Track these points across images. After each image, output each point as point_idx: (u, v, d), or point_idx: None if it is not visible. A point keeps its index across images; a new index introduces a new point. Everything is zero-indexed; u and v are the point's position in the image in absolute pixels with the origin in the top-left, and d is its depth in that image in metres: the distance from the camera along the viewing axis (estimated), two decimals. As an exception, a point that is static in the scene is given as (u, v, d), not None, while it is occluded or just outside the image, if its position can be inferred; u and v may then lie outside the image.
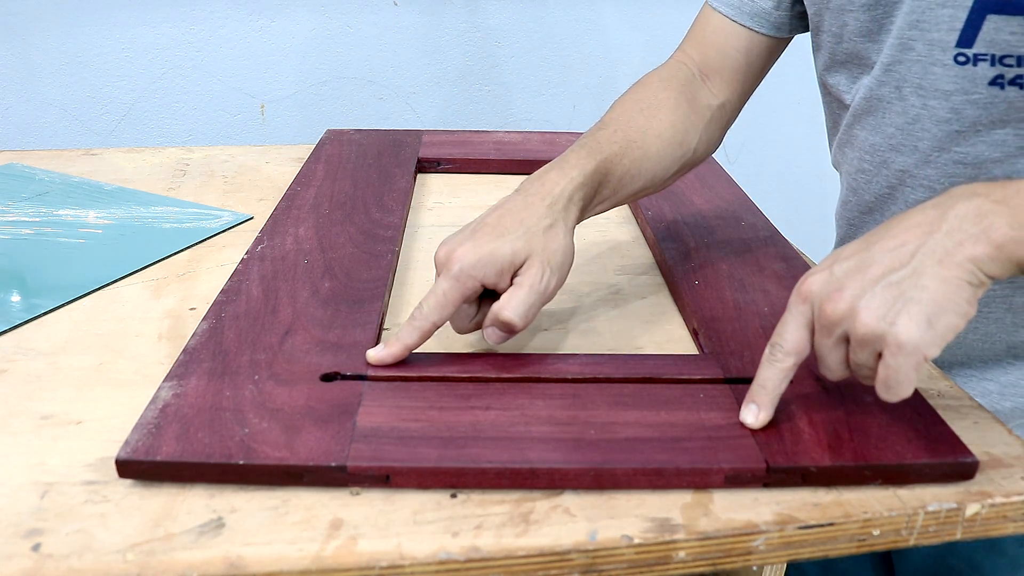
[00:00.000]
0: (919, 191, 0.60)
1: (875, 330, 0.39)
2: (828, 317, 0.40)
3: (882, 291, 0.39)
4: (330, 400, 0.45)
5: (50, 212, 0.74)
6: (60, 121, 1.24)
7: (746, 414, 0.44)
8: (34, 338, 0.54)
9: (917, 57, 0.56)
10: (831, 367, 0.42)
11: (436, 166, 0.89)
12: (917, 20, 0.55)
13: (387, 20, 1.29)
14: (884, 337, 0.38)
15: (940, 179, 0.59)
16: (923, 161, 0.59)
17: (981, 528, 0.42)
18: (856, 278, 0.40)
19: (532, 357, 0.50)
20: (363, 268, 0.61)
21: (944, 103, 0.56)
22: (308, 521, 0.38)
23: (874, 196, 0.64)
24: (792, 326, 0.42)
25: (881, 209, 0.64)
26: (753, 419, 0.43)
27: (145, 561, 0.36)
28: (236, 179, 0.85)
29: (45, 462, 0.42)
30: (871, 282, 0.40)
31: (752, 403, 0.44)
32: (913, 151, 0.60)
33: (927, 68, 0.56)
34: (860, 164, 0.64)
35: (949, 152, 0.58)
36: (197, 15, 1.23)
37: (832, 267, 0.42)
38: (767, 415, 0.43)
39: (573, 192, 0.53)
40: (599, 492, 0.41)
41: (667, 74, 0.65)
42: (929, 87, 0.57)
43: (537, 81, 1.38)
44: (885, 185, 0.63)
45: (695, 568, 0.39)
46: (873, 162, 0.63)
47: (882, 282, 0.39)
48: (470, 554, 0.37)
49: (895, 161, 0.61)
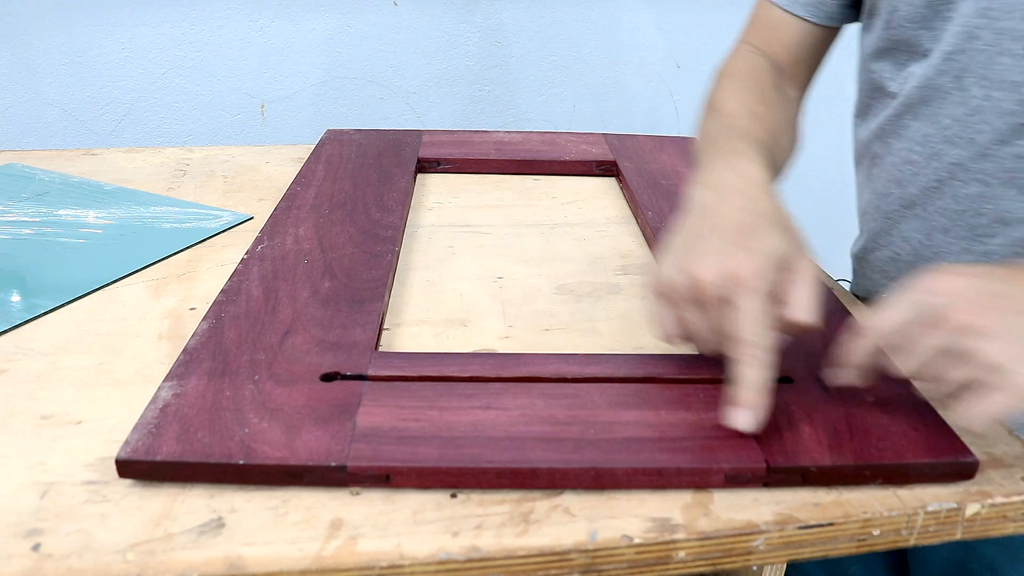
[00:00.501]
0: (971, 185, 0.58)
1: (1003, 364, 0.39)
2: (959, 325, 0.40)
3: None
4: (330, 400, 0.45)
5: (50, 212, 0.74)
6: (60, 121, 1.24)
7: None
8: (34, 338, 0.54)
9: (983, 46, 0.55)
10: (926, 369, 0.42)
11: (436, 166, 0.89)
12: (986, 8, 0.54)
13: (387, 20, 1.29)
14: (1007, 375, 0.39)
15: (997, 173, 0.57)
16: (980, 155, 0.57)
17: (981, 528, 0.42)
18: (1002, 304, 0.40)
19: (532, 357, 0.50)
20: (363, 268, 0.61)
21: (1011, 95, 0.54)
22: (308, 521, 0.38)
23: (920, 189, 0.61)
24: None
25: (924, 203, 0.61)
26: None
27: (145, 561, 0.36)
28: (236, 179, 0.85)
29: (45, 462, 0.42)
30: (1015, 314, 0.40)
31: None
32: (970, 144, 0.57)
33: (993, 58, 0.54)
34: (908, 155, 0.62)
35: (1011, 146, 0.56)
36: (197, 15, 1.23)
37: (972, 278, 0.42)
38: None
39: (770, 179, 0.50)
40: (599, 492, 0.41)
41: (755, 64, 0.64)
42: (995, 77, 0.55)
43: (537, 81, 1.38)
44: (933, 178, 0.60)
45: (695, 568, 0.39)
46: (923, 154, 0.60)
47: None
48: (470, 554, 0.37)
49: (948, 154, 0.59)
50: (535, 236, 0.72)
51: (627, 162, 0.87)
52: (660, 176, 0.83)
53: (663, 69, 1.41)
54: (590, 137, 0.97)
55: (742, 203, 0.46)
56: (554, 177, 0.88)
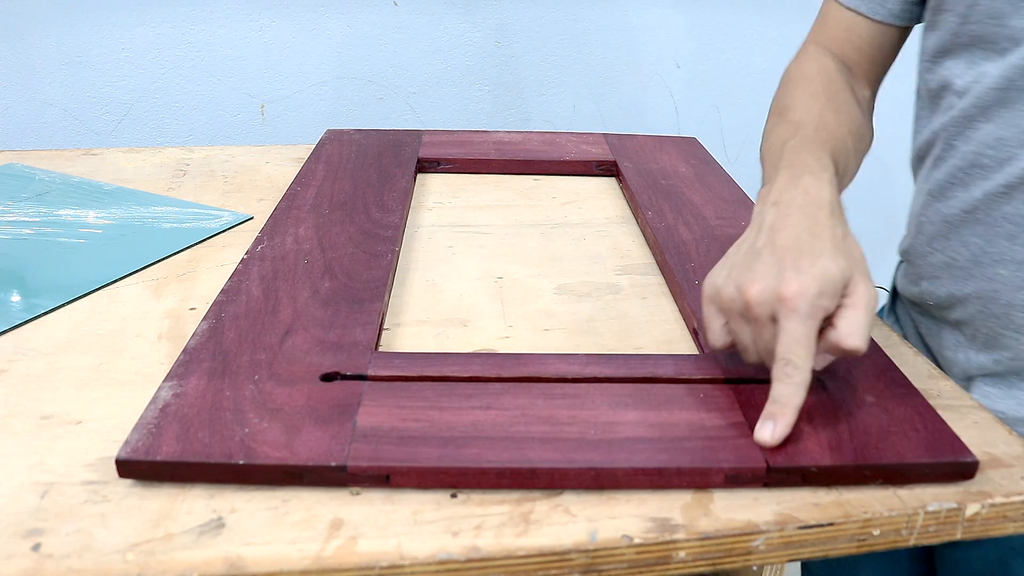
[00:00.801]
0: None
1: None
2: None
3: None
4: (330, 400, 0.45)
5: (50, 212, 0.74)
6: (60, 121, 1.24)
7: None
8: (34, 338, 0.54)
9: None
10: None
11: (436, 166, 0.89)
12: None
13: (387, 20, 1.29)
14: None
15: None
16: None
17: (981, 528, 0.42)
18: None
19: (532, 357, 0.50)
20: (363, 268, 0.61)
21: None
22: (308, 521, 0.38)
23: (986, 194, 0.58)
24: None
25: (989, 209, 0.58)
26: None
27: (145, 561, 0.36)
28: (236, 179, 0.85)
29: (45, 462, 0.42)
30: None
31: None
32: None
33: None
34: (975, 159, 0.59)
35: None
36: (197, 15, 1.23)
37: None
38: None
39: (837, 196, 0.49)
40: (599, 492, 0.41)
41: (824, 65, 0.63)
42: None
43: (537, 81, 1.38)
44: (1003, 183, 0.57)
45: (695, 568, 0.39)
46: (996, 158, 0.57)
47: None
48: (470, 554, 0.37)
49: (1023, 158, 0.56)
50: (535, 236, 0.72)
51: (627, 162, 0.87)
52: (660, 176, 0.83)
53: (663, 69, 1.41)
54: (590, 137, 0.97)
55: (802, 223, 0.45)
56: (554, 177, 0.88)
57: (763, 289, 0.43)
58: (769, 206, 0.48)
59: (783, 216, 0.46)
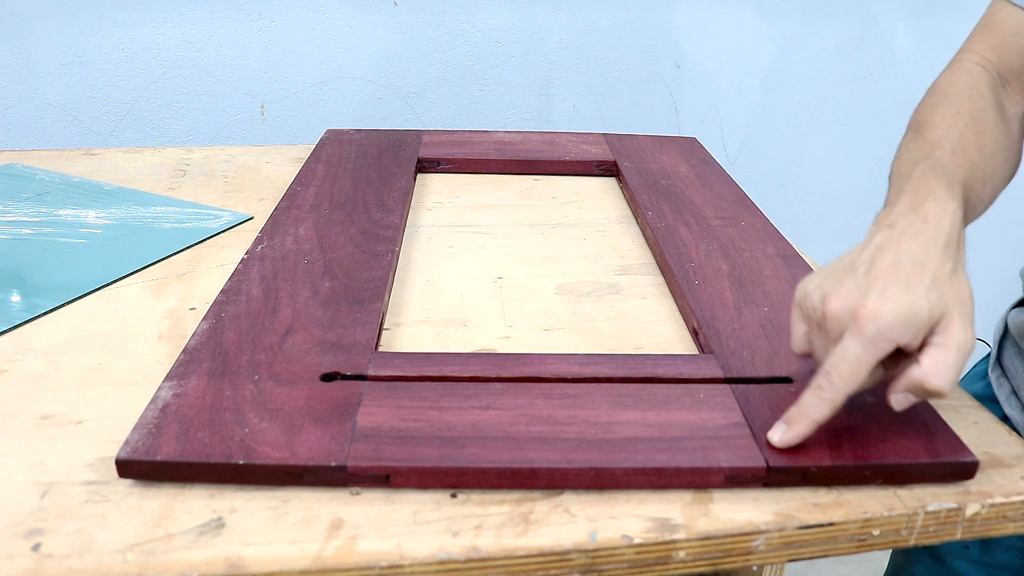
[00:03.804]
0: None
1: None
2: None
3: None
4: (330, 400, 0.45)
5: (50, 212, 0.74)
6: (60, 121, 1.24)
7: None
8: (34, 338, 0.54)
9: None
10: None
11: (436, 166, 0.89)
12: None
13: (387, 20, 1.29)
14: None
15: None
16: None
17: (981, 528, 0.42)
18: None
19: (532, 357, 0.50)
20: (363, 268, 0.61)
21: None
22: (308, 521, 0.38)
23: None
24: None
25: None
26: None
27: (145, 561, 0.36)
28: (236, 179, 0.85)
29: (45, 462, 0.42)
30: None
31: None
32: None
33: None
34: None
35: None
36: (197, 15, 1.23)
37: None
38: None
39: (959, 228, 0.45)
40: (599, 492, 0.41)
41: (975, 80, 0.57)
42: None
43: (537, 81, 1.38)
44: None
45: (695, 568, 0.39)
46: None
47: None
48: (470, 554, 0.37)
49: None
50: (535, 236, 0.72)
51: (627, 162, 0.87)
52: (660, 176, 0.83)
53: (663, 69, 1.40)
54: (590, 137, 0.97)
55: (910, 251, 0.43)
56: (554, 177, 0.88)
57: (843, 306, 0.41)
58: (884, 228, 0.45)
59: (893, 240, 0.44)
